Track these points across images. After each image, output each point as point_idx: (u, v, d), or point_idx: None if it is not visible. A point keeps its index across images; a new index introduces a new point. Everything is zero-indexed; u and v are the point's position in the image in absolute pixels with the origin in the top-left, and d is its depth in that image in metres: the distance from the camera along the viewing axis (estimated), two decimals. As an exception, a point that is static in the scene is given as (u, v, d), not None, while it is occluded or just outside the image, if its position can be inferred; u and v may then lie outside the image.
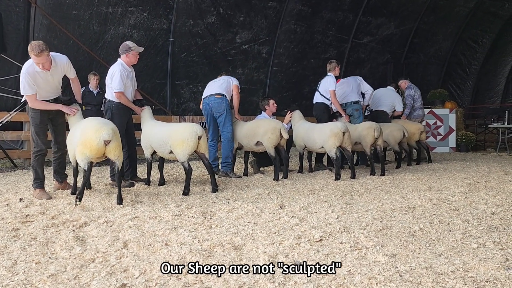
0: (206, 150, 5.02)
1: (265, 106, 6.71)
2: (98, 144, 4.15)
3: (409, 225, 3.43)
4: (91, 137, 4.15)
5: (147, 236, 3.14)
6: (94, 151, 4.17)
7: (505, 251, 2.80)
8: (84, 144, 4.17)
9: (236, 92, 6.22)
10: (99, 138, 4.14)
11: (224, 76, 6.42)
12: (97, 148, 4.16)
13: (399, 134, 7.24)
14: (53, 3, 7.75)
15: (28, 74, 4.37)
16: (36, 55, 4.23)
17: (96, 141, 4.14)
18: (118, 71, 5.22)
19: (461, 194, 4.76)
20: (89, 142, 4.14)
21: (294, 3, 10.53)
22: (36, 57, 4.25)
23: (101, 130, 4.18)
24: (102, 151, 4.22)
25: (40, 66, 4.33)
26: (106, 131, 4.18)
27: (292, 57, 11.16)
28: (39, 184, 4.64)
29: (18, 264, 2.59)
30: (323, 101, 7.01)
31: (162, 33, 9.11)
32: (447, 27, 13.84)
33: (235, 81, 6.30)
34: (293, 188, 5.23)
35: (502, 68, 15.94)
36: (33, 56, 4.27)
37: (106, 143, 4.18)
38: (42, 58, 4.27)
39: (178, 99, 9.77)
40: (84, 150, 4.17)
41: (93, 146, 4.14)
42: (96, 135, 4.15)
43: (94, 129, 4.19)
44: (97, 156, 4.26)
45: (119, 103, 5.27)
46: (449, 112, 10.96)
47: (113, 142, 4.22)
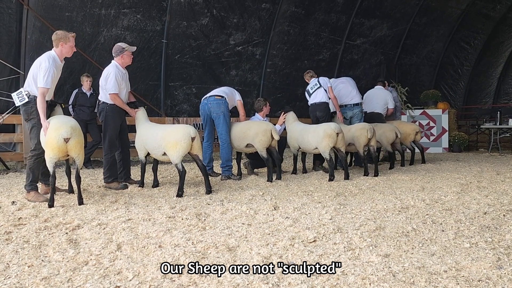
0: (199, 151, 5.02)
1: (263, 107, 6.72)
2: (58, 143, 4.17)
3: (402, 225, 3.45)
4: (51, 136, 4.19)
5: (141, 238, 3.13)
6: (56, 150, 4.19)
7: (497, 251, 2.82)
8: (47, 145, 4.21)
9: (242, 113, 6.40)
10: (58, 136, 4.17)
11: (228, 87, 6.54)
12: (58, 146, 4.18)
13: (392, 135, 7.28)
14: (45, 5, 7.70)
15: (53, 68, 4.47)
16: (72, 36, 4.57)
17: (55, 139, 4.17)
18: (112, 72, 5.22)
19: (453, 194, 4.80)
20: (50, 141, 4.18)
21: (287, 5, 10.55)
22: (73, 38, 4.60)
23: (60, 128, 4.21)
24: (64, 149, 4.23)
25: (74, 49, 4.64)
26: (65, 129, 4.20)
27: (286, 58, 11.18)
28: (34, 186, 4.59)
29: (11, 268, 2.58)
30: (326, 100, 6.99)
31: (155, 35, 9.08)
32: (439, 29, 13.93)
33: (238, 96, 6.39)
34: (287, 189, 5.24)
35: (494, 69, 16.05)
36: (71, 39, 4.57)
37: (66, 140, 4.20)
38: (73, 40, 4.63)
39: (172, 100, 9.74)
40: (48, 152, 4.22)
41: (54, 145, 4.17)
42: (55, 134, 4.18)
43: (53, 128, 4.23)
44: (60, 156, 4.28)
45: (113, 105, 5.26)
46: (442, 112, 11.04)
47: (72, 139, 4.23)
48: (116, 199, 4.58)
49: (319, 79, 7.11)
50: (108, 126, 5.29)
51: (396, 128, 7.43)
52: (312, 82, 7.13)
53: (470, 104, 15.51)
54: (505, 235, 3.16)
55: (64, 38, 4.54)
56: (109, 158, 5.29)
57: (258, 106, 6.78)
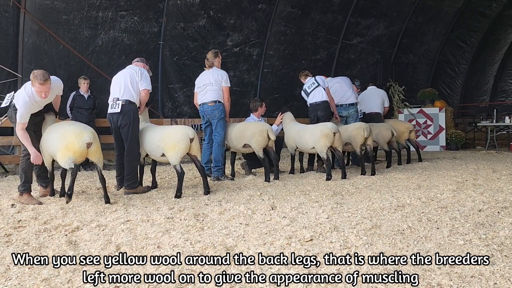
0: (198, 152, 5.05)
1: (258, 107, 6.76)
2: (81, 148, 4.33)
3: (398, 224, 3.49)
4: (73, 141, 4.32)
5: (140, 239, 3.17)
6: (78, 154, 4.34)
7: (491, 247, 2.87)
8: (67, 148, 4.31)
9: (227, 98, 6.07)
10: (81, 141, 4.33)
11: (215, 71, 6.14)
12: (80, 151, 4.34)
13: (388, 134, 7.33)
14: (42, 8, 7.73)
15: (29, 103, 4.36)
16: (41, 83, 4.23)
17: (78, 144, 4.32)
18: (146, 71, 5.28)
19: (449, 192, 4.84)
20: (72, 145, 4.31)
21: (283, 5, 10.59)
22: (41, 86, 4.25)
23: (83, 133, 4.39)
24: (85, 154, 4.42)
25: (42, 95, 4.32)
26: (87, 134, 4.39)
27: (283, 58, 11.22)
28: (27, 187, 4.60)
29: (12, 269, 2.61)
30: (326, 99, 6.95)
31: (153, 37, 9.12)
32: (436, 27, 13.98)
33: (225, 82, 6.05)
34: (284, 189, 5.28)
35: (490, 67, 16.12)
36: (37, 84, 4.25)
37: (88, 145, 4.37)
38: (46, 87, 4.30)
39: (173, 103, 9.78)
40: (67, 153, 4.31)
41: (76, 149, 4.31)
42: (78, 139, 4.33)
43: (75, 134, 4.38)
44: (80, 160, 4.45)
45: (137, 108, 5.18)
46: (439, 111, 11.09)
47: (94, 144, 4.44)
48: (115, 201, 4.62)
49: (316, 77, 7.12)
50: (135, 128, 5.12)
51: (391, 127, 7.49)
52: (308, 81, 7.12)
53: (467, 102, 15.57)
54: (499, 232, 3.20)
55: (33, 80, 4.30)
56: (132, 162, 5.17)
57: (253, 106, 6.81)
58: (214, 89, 6.01)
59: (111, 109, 5.12)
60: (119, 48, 8.71)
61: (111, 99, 5.16)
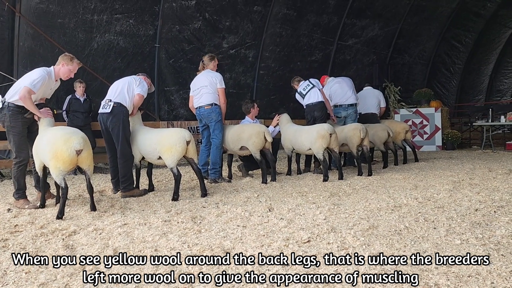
0: (194, 155, 5.05)
1: (250, 109, 6.75)
2: (70, 155, 4.03)
3: (395, 224, 3.50)
4: (61, 149, 4.01)
5: (137, 243, 3.17)
6: (67, 163, 4.04)
7: (487, 247, 2.88)
8: (56, 158, 4.01)
9: (223, 100, 6.02)
10: (70, 148, 4.02)
11: (208, 73, 6.09)
12: (70, 159, 4.04)
13: (384, 134, 7.36)
14: (37, 12, 7.71)
15: (46, 77, 4.49)
16: (78, 63, 4.69)
17: (67, 152, 4.01)
18: (144, 81, 5.41)
19: (446, 191, 4.86)
20: (60, 153, 4.01)
21: (279, 7, 10.61)
22: (78, 65, 4.70)
23: (71, 140, 4.06)
24: (75, 161, 4.10)
25: (72, 75, 4.68)
26: (77, 140, 4.07)
27: (279, 60, 11.24)
28: (21, 194, 4.59)
29: (8, 274, 2.60)
30: (322, 99, 6.93)
31: (148, 40, 9.12)
32: (431, 28, 14.05)
33: (220, 84, 6.01)
34: (281, 190, 5.28)
35: (485, 67, 16.22)
36: (75, 63, 4.66)
37: (78, 152, 4.07)
38: (76, 69, 4.70)
39: (169, 105, 9.77)
40: (57, 164, 4.02)
41: (65, 158, 4.01)
42: (66, 146, 4.02)
43: (63, 140, 4.05)
44: (70, 168, 4.18)
45: (128, 111, 5.16)
46: (435, 111, 11.13)
47: (84, 151, 4.13)
48: (112, 204, 4.60)
49: (310, 80, 7.12)
50: (126, 130, 5.09)
51: (388, 127, 7.51)
52: (302, 84, 7.10)
53: (462, 102, 15.65)
54: (495, 231, 3.21)
55: (67, 60, 4.63)
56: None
57: (246, 108, 6.81)
58: (209, 92, 5.99)
59: (102, 109, 5.12)
60: (115, 51, 8.70)
61: (104, 100, 5.18)
